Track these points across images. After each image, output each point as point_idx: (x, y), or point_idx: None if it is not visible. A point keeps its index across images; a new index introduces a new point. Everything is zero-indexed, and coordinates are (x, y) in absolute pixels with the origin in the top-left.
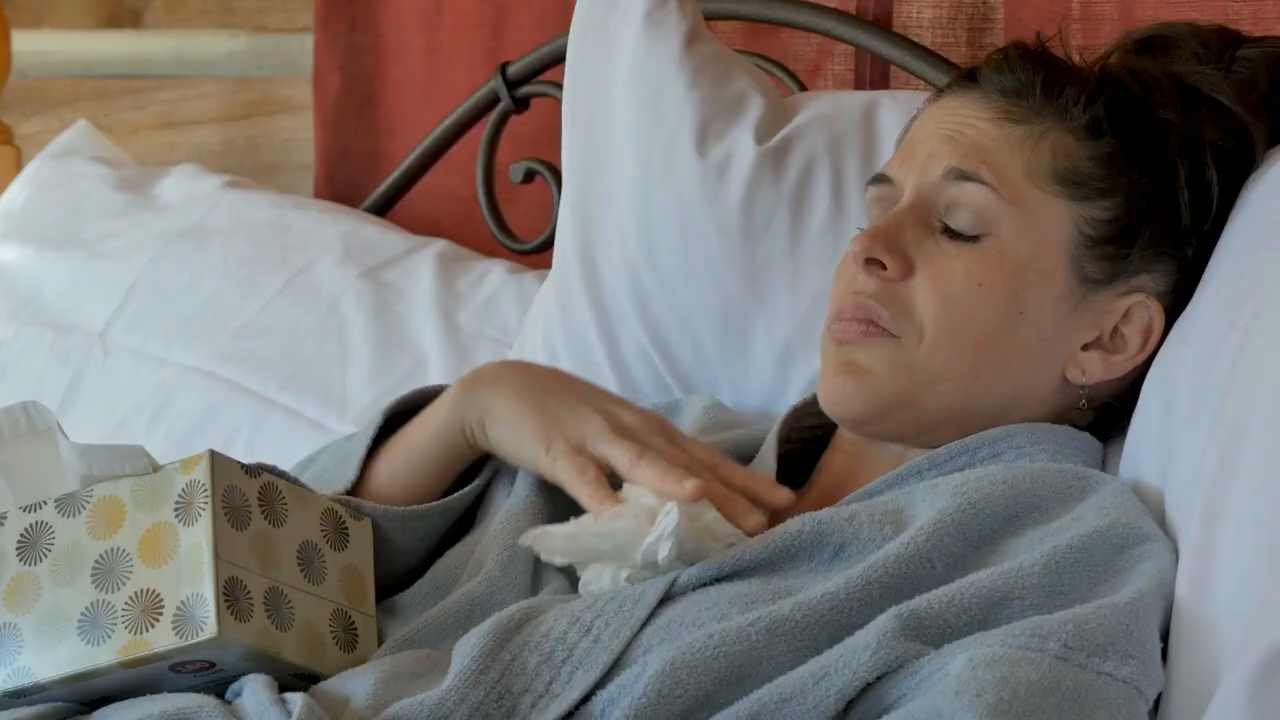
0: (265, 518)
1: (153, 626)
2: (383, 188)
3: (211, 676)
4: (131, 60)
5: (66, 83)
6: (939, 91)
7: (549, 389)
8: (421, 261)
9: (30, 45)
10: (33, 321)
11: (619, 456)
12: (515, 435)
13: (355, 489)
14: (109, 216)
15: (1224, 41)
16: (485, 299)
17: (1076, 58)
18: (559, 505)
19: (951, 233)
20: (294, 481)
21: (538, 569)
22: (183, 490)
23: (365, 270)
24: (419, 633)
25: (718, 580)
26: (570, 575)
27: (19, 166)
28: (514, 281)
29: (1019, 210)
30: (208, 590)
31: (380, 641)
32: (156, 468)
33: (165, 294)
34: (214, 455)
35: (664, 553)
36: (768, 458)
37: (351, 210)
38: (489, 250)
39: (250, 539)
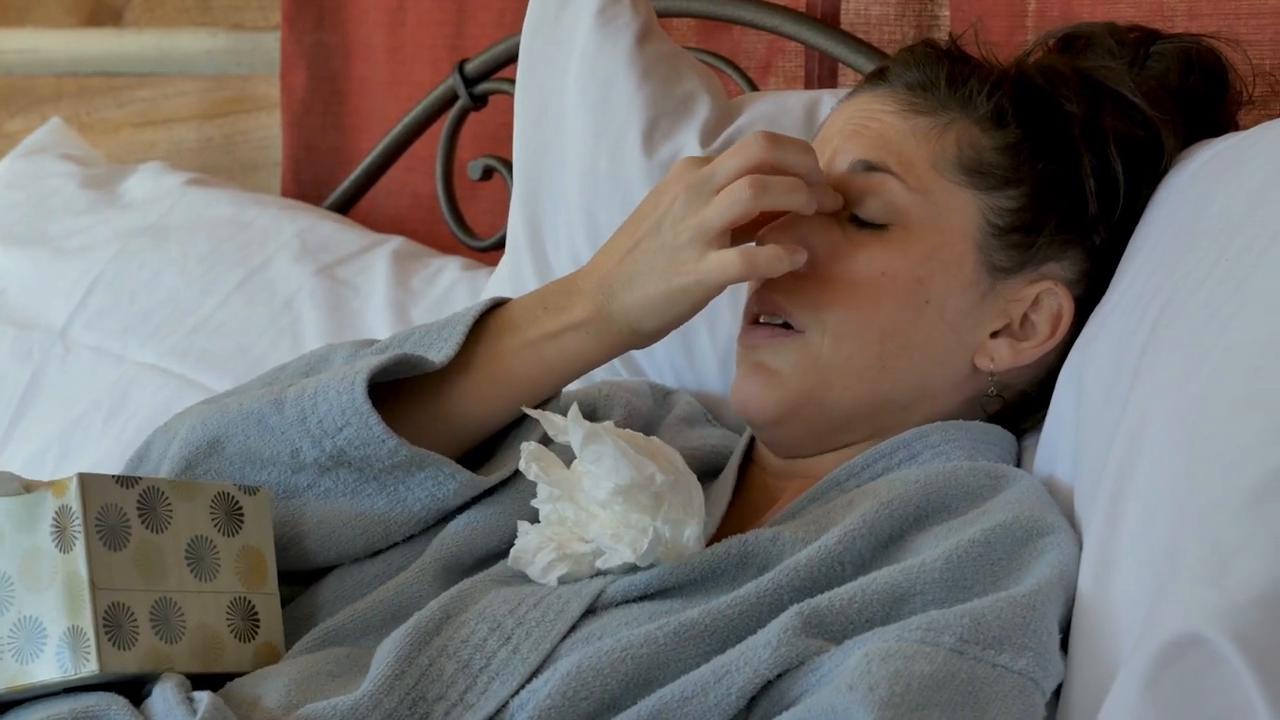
0: (147, 526)
1: (37, 657)
2: (345, 185)
3: None
4: (111, 58)
5: (50, 81)
6: (851, 91)
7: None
8: (377, 258)
9: (12, 43)
10: None
11: (731, 208)
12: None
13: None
14: (74, 214)
15: (1140, 40)
16: (439, 296)
17: (1000, 56)
18: (505, 535)
19: (859, 222)
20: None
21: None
22: (55, 514)
23: (321, 267)
24: (343, 626)
25: (642, 598)
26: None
27: None
28: (468, 279)
29: (925, 200)
30: (87, 624)
31: (321, 617)
32: (30, 487)
33: (125, 291)
34: (83, 477)
35: (613, 563)
36: (727, 481)
37: (311, 207)
38: (450, 247)
39: (131, 556)
